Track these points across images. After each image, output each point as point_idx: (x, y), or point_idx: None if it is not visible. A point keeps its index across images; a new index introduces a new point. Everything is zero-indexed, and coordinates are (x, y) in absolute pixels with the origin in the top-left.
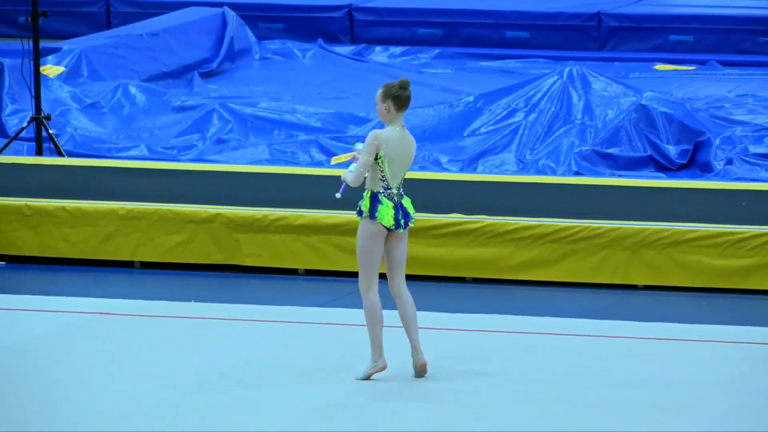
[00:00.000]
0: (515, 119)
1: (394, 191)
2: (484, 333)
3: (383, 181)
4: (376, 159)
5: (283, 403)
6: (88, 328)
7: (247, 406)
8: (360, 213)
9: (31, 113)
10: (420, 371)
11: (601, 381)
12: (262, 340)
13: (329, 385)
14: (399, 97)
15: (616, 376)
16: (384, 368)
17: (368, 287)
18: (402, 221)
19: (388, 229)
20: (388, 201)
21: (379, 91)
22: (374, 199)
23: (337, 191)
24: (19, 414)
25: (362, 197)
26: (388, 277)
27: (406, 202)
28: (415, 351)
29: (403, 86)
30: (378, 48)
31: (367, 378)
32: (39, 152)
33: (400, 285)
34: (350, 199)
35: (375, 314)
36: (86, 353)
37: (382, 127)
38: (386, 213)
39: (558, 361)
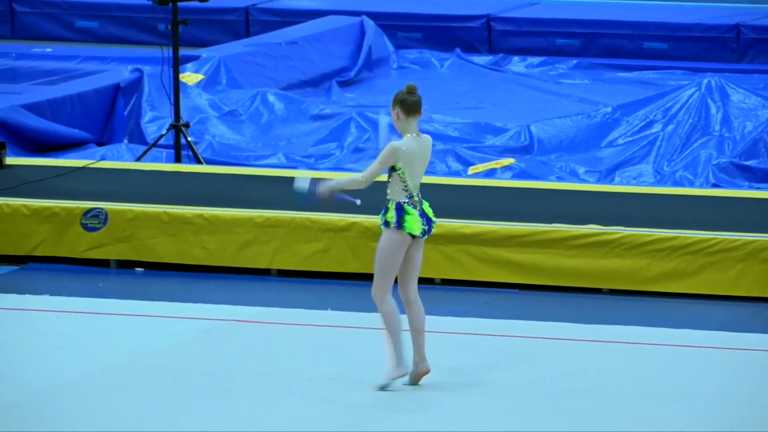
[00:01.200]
0: (653, 130)
1: (416, 198)
2: (619, 345)
3: (405, 191)
4: (394, 170)
5: (419, 408)
6: (225, 335)
7: (385, 412)
8: (386, 224)
9: (170, 121)
10: (419, 378)
11: (736, 394)
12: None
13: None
14: (405, 102)
15: (752, 389)
16: (406, 374)
17: (386, 293)
18: (425, 227)
19: (413, 237)
20: (413, 210)
21: (395, 99)
22: (399, 210)
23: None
24: (155, 417)
25: (386, 209)
26: (401, 283)
27: (426, 206)
28: (422, 358)
29: (410, 91)
30: (516, 58)
31: (387, 385)
32: (178, 159)
33: (415, 291)
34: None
35: (396, 319)
36: (222, 360)
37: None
38: (414, 222)
39: (693, 374)
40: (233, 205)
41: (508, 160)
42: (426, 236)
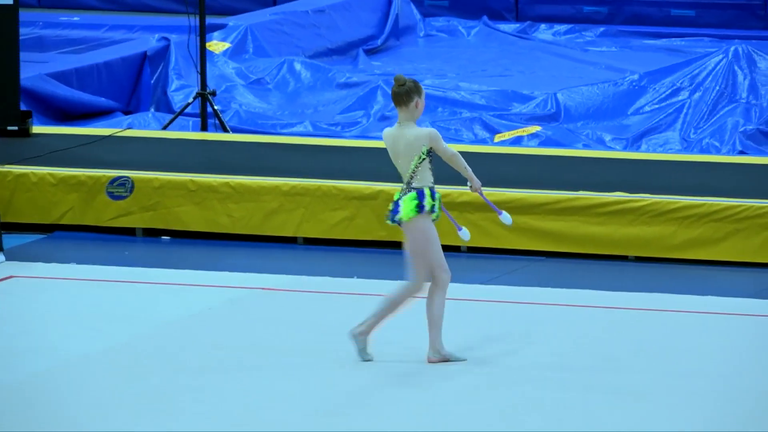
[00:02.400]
0: (679, 98)
1: (404, 186)
2: (645, 312)
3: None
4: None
5: (442, 378)
6: (251, 304)
7: (407, 379)
8: (422, 209)
9: (196, 89)
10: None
11: (763, 361)
12: (422, 317)
13: (494, 361)
14: (391, 93)
15: None
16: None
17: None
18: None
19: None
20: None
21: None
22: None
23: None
24: (182, 388)
25: (424, 195)
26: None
27: (402, 198)
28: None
29: (395, 82)
30: (543, 26)
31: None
32: (204, 128)
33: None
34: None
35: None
36: (248, 329)
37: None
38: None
39: (719, 341)
40: (259, 174)
41: (535, 128)
42: (391, 222)
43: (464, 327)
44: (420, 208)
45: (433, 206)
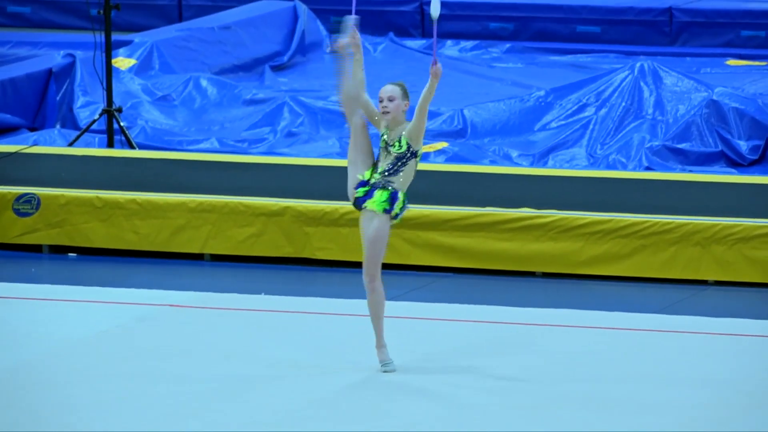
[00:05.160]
0: (586, 114)
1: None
2: (552, 328)
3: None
4: (415, 156)
5: (348, 394)
6: (158, 321)
7: (315, 396)
8: (389, 211)
9: (102, 105)
10: None
11: (669, 378)
12: (332, 332)
13: (399, 377)
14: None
15: (685, 372)
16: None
17: (379, 277)
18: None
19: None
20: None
21: (403, 89)
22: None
23: None
24: (86, 406)
25: (398, 199)
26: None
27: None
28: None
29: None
30: (449, 42)
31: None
32: (110, 144)
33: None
34: (420, 196)
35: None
36: (155, 345)
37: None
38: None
39: (627, 358)
40: (166, 190)
41: (442, 144)
42: (355, 205)
43: (368, 342)
44: (388, 210)
45: (397, 214)
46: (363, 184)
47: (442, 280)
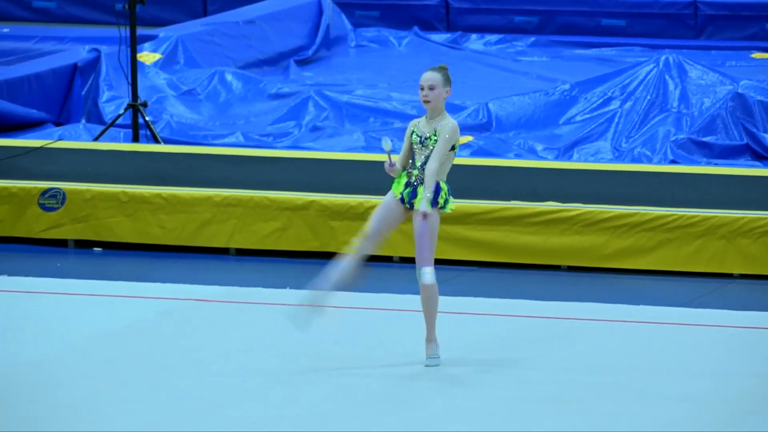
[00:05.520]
0: (611, 107)
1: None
2: (578, 321)
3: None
4: (453, 149)
5: (372, 388)
6: (184, 315)
7: (339, 391)
8: (436, 203)
9: (127, 100)
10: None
11: (695, 371)
12: (357, 326)
13: (427, 371)
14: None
15: (710, 365)
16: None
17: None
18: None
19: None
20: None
21: (445, 76)
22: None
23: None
24: (111, 400)
25: (441, 189)
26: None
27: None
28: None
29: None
30: (474, 36)
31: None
32: (135, 139)
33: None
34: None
35: None
36: (181, 340)
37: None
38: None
39: (652, 351)
40: (191, 185)
41: (467, 138)
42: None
43: (397, 335)
44: (433, 203)
45: (445, 200)
46: (407, 185)
47: (467, 273)
